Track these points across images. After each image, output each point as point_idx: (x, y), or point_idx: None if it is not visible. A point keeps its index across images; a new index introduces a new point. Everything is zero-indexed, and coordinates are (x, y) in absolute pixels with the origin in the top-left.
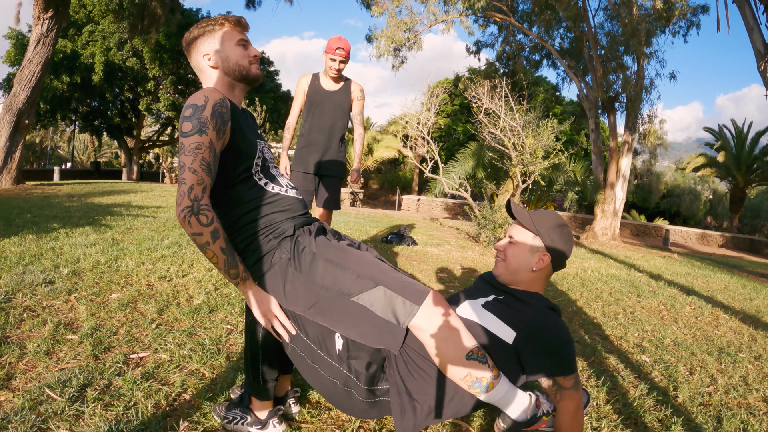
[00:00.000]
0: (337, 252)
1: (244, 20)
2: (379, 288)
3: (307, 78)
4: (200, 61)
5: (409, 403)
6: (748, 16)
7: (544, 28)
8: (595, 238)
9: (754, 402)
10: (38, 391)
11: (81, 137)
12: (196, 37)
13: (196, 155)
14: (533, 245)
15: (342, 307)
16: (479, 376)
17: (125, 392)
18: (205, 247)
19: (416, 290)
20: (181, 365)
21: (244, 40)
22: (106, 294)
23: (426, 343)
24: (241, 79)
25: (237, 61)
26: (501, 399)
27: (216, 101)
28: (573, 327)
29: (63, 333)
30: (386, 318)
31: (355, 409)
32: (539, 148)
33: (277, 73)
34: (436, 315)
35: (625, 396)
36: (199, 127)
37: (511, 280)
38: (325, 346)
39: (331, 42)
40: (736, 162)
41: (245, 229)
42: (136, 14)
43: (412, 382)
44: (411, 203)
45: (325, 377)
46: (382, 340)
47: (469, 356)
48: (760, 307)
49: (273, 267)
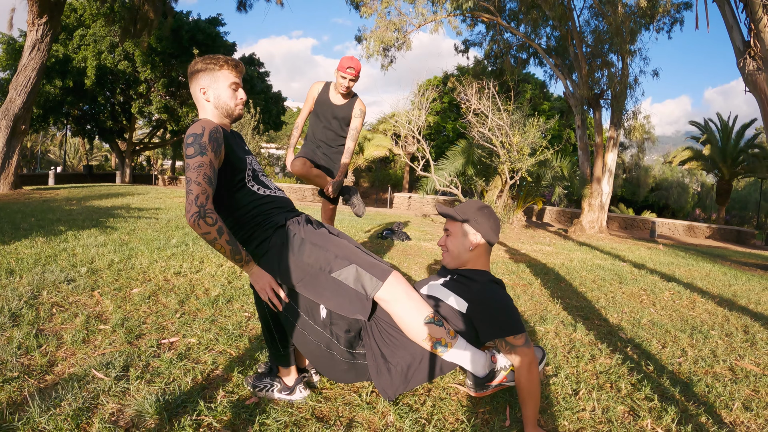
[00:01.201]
0: (321, 237)
1: (242, 65)
2: (352, 266)
3: (319, 86)
4: (197, 92)
5: (384, 365)
6: (728, 14)
7: (531, 27)
8: (582, 231)
9: (720, 371)
10: (84, 372)
11: (72, 141)
12: (198, 70)
13: (199, 171)
14: (464, 230)
15: (323, 280)
16: (438, 336)
17: (163, 371)
18: (214, 242)
19: (381, 269)
20: (210, 347)
21: (236, 83)
22: (127, 289)
23: (390, 312)
24: (226, 116)
25: (226, 101)
26: (460, 357)
27: (211, 129)
28: (556, 310)
29: (94, 324)
30: (357, 290)
31: (337, 371)
32: (526, 146)
33: (267, 75)
34: (397, 289)
35: (601, 365)
36: (200, 150)
37: (457, 263)
38: (312, 314)
39: (343, 61)
40: (721, 155)
41: (246, 225)
42: (128, 18)
43: (386, 347)
44: (402, 201)
45: (312, 341)
46: (354, 309)
47: (427, 321)
48: (738, 292)
49: (270, 250)
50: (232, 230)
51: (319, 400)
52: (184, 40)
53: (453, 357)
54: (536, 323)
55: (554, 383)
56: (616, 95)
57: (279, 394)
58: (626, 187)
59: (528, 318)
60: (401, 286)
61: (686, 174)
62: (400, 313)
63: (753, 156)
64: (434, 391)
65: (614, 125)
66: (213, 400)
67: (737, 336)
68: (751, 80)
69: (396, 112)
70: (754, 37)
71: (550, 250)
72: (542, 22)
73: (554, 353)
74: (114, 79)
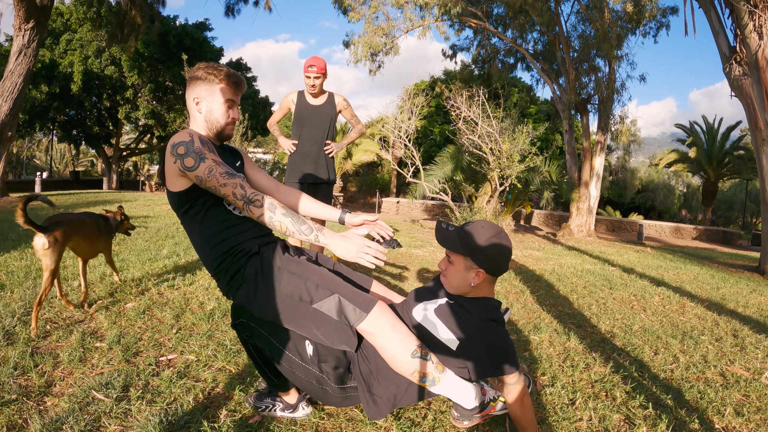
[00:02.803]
0: (299, 266)
1: (244, 83)
2: (334, 296)
3: (293, 95)
4: (191, 101)
5: (370, 398)
6: (713, 20)
7: (518, 32)
8: (571, 235)
9: (712, 376)
10: (83, 394)
11: (58, 146)
12: (197, 78)
13: (214, 175)
14: (467, 264)
15: (305, 312)
16: (425, 371)
17: (164, 390)
18: (272, 221)
19: (365, 300)
20: (209, 364)
21: (232, 100)
22: (121, 304)
23: (375, 344)
24: (215, 133)
25: (218, 117)
26: (449, 391)
27: (199, 135)
28: (549, 319)
29: (90, 341)
30: (341, 321)
31: (331, 401)
32: (515, 153)
33: (254, 79)
34: (382, 320)
35: (596, 374)
36: (198, 157)
37: (456, 293)
38: (298, 352)
39: (306, 62)
40: (707, 157)
41: (217, 249)
42: (114, 23)
43: (371, 378)
44: (391, 205)
45: (302, 377)
46: (339, 341)
47: (414, 355)
48: (726, 295)
49: (246, 281)
50: (202, 253)
51: (322, 416)
52: (171, 45)
53: (441, 390)
54: (530, 332)
55: (551, 393)
56: (603, 100)
57: (282, 413)
58: (613, 189)
59: (522, 327)
60: (386, 317)
61: (672, 176)
62: (385, 345)
63: (738, 158)
64: (435, 404)
65: (602, 129)
66: (216, 419)
67: (727, 340)
68: (737, 85)
69: (384, 117)
70: (740, 43)
71: (540, 255)
72: (529, 27)
73: (550, 363)
74: (100, 85)
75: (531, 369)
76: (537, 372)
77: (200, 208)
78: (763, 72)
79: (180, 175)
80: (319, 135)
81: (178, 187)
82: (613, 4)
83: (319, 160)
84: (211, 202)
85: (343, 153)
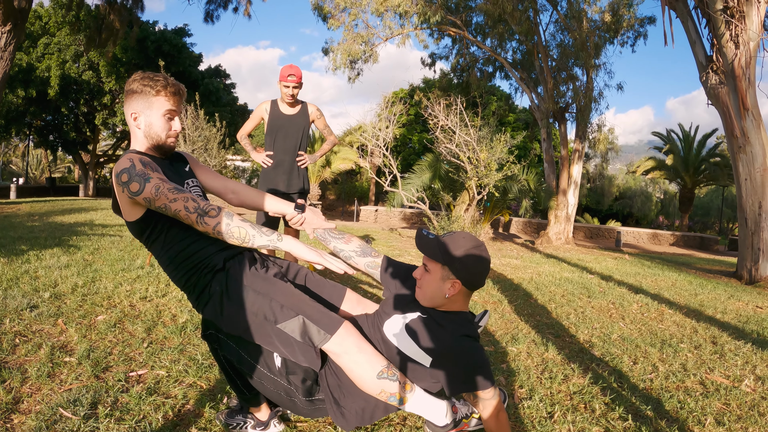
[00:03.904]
0: (264, 283)
1: (183, 90)
2: (298, 317)
3: (266, 105)
4: (128, 117)
5: (338, 409)
6: (690, 30)
7: (497, 41)
8: (549, 242)
9: (692, 385)
10: (50, 411)
11: (35, 152)
12: (132, 91)
13: (162, 192)
14: (443, 274)
15: (270, 330)
16: (392, 391)
17: (133, 407)
18: (230, 228)
19: (330, 320)
20: (179, 379)
21: (172, 110)
22: (92, 316)
23: (341, 365)
24: (155, 148)
25: (157, 131)
26: (418, 409)
27: (139, 158)
28: (527, 329)
29: (59, 356)
30: (305, 342)
31: (302, 412)
32: (493, 162)
33: (233, 87)
34: (347, 341)
35: (575, 385)
36: (142, 179)
37: (430, 305)
38: (266, 364)
39: (284, 70)
40: (684, 164)
41: (182, 266)
42: (93, 27)
43: (338, 392)
44: (369, 214)
45: (270, 389)
46: (304, 359)
47: (380, 376)
48: (704, 302)
49: (212, 299)
50: (169, 272)
51: None
52: (149, 51)
53: (410, 409)
54: (508, 343)
55: (529, 407)
56: (581, 109)
57: (253, 430)
58: (591, 196)
59: (499, 338)
60: (351, 337)
61: (649, 183)
62: (351, 367)
63: (714, 165)
64: (410, 419)
65: (579, 138)
66: None
67: (706, 348)
68: (714, 93)
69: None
70: (717, 52)
71: (518, 263)
72: (508, 36)
73: (528, 374)
74: (78, 90)
75: (509, 381)
76: (515, 384)
77: (160, 231)
78: (740, 81)
79: (132, 204)
80: (292, 145)
81: (134, 216)
82: (592, 13)
83: (292, 171)
84: (170, 222)
85: (322, 161)
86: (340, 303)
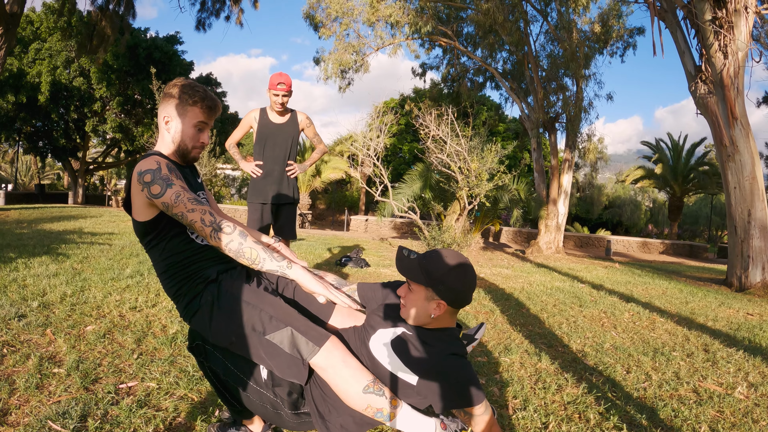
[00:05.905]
0: (254, 295)
1: (219, 107)
2: (287, 329)
3: (255, 113)
4: (161, 118)
5: (323, 423)
6: (680, 40)
7: (487, 52)
8: (540, 252)
9: (685, 393)
10: (39, 424)
11: (24, 158)
12: (170, 95)
13: (182, 200)
14: (427, 295)
15: (257, 342)
16: (379, 407)
17: (123, 420)
18: (242, 248)
19: (318, 334)
20: (170, 392)
21: (203, 123)
22: (81, 326)
23: (326, 379)
24: (180, 155)
25: (185, 140)
26: (404, 425)
27: (166, 162)
28: (520, 339)
29: (48, 367)
30: (293, 354)
31: (288, 425)
32: (484, 171)
33: (224, 95)
34: (334, 355)
35: (569, 395)
36: (165, 183)
37: (416, 323)
38: (252, 376)
39: (273, 78)
40: (673, 173)
41: (176, 275)
42: (84, 33)
43: (323, 406)
44: (359, 223)
45: (257, 402)
46: (290, 373)
47: (366, 390)
48: (695, 309)
49: (201, 308)
50: (162, 280)
51: None
52: (140, 58)
53: (397, 425)
54: (501, 354)
55: (523, 417)
56: (570, 119)
57: None
58: (580, 205)
59: (492, 348)
60: (338, 351)
61: (639, 191)
62: (337, 381)
63: (703, 173)
64: None
65: (569, 148)
66: None
67: (698, 356)
68: (703, 103)
69: (353, 134)
70: (706, 62)
71: (510, 273)
72: (499, 47)
73: (521, 385)
74: (68, 96)
75: (502, 392)
76: (508, 395)
77: (163, 238)
78: (728, 90)
79: (148, 204)
80: (282, 153)
81: (145, 217)
82: (582, 24)
83: (282, 180)
84: (174, 232)
85: (312, 170)
86: (328, 318)
